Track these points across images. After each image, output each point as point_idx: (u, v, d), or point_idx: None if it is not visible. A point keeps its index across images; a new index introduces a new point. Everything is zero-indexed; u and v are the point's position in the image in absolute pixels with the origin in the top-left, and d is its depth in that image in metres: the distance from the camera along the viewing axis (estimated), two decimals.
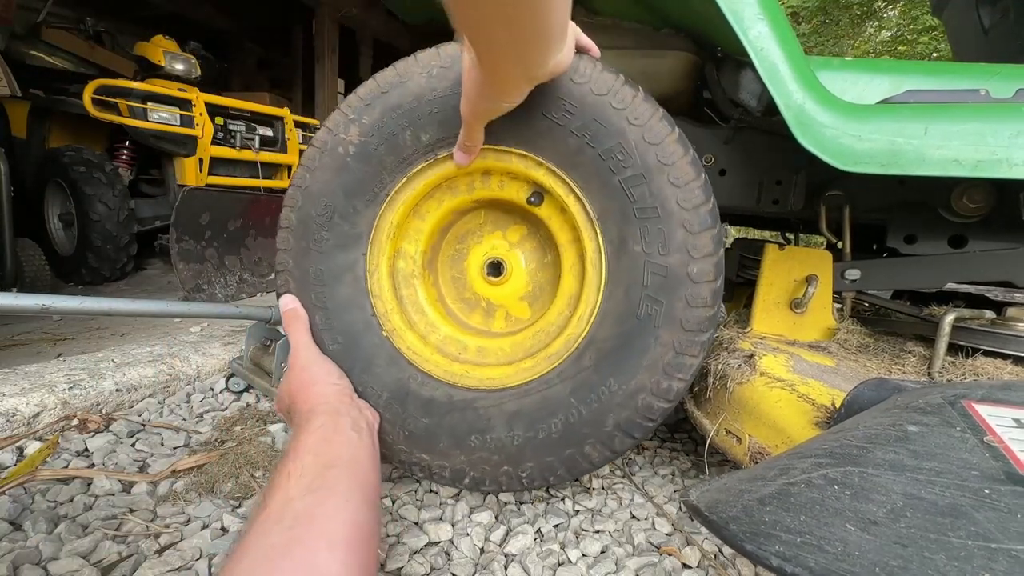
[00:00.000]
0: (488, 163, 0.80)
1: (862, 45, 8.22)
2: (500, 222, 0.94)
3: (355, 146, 0.81)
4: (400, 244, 0.88)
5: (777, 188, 1.08)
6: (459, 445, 0.78)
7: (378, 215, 0.83)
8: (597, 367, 0.75)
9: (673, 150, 0.72)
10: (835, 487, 0.40)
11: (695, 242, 0.72)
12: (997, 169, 0.74)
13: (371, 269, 0.84)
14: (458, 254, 0.96)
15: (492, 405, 0.78)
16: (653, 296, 0.73)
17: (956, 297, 1.35)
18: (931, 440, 0.43)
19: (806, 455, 0.47)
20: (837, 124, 0.78)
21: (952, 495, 0.37)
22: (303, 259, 0.84)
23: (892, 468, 0.41)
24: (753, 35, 0.79)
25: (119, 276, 2.78)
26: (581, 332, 0.77)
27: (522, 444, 0.77)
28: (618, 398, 0.74)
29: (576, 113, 0.74)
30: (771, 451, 0.77)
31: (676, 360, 0.73)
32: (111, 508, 0.78)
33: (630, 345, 0.74)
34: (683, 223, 0.72)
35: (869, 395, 0.64)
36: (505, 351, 0.87)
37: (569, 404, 0.75)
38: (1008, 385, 0.54)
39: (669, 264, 0.73)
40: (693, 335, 0.72)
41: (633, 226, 0.74)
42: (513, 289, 0.93)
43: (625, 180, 0.74)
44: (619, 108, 0.73)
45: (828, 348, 0.97)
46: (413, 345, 0.84)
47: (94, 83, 2.66)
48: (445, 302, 0.95)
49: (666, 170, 0.72)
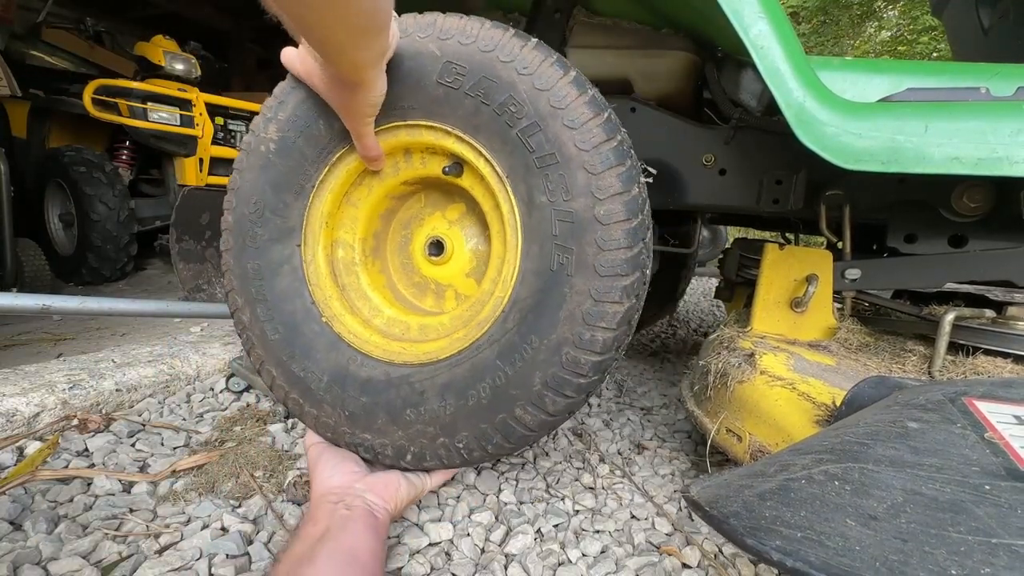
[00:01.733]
0: (403, 140, 0.81)
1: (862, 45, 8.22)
2: (439, 203, 0.95)
3: (275, 142, 0.83)
4: (337, 234, 0.90)
5: (777, 188, 1.08)
6: (396, 421, 0.78)
7: (307, 207, 0.85)
8: (519, 327, 0.74)
9: (566, 92, 0.71)
10: (835, 483, 0.41)
11: (599, 183, 0.70)
12: (998, 167, 0.74)
13: (307, 259, 0.86)
14: (404, 240, 0.98)
15: (426, 378, 0.78)
16: (563, 245, 0.71)
17: (956, 297, 1.35)
18: (931, 436, 0.43)
19: (806, 451, 0.48)
20: (838, 122, 0.78)
21: (952, 491, 0.37)
22: (241, 256, 0.86)
23: (892, 464, 0.41)
24: (754, 33, 0.79)
25: (119, 276, 2.78)
26: (505, 294, 0.76)
27: (454, 412, 0.76)
28: (541, 355, 0.72)
29: (467, 73, 0.74)
30: (771, 449, 0.77)
31: (595, 308, 0.70)
32: (111, 508, 0.78)
33: (547, 300, 0.72)
34: (584, 165, 0.70)
35: (870, 393, 0.64)
36: (445, 326, 0.88)
37: (496, 367, 0.74)
38: (1009, 382, 0.54)
39: (574, 209, 0.71)
40: (611, 280, 0.70)
41: (536, 177, 0.73)
42: (458, 267, 0.94)
43: (522, 131, 0.73)
44: (507, 61, 0.72)
45: (828, 347, 0.98)
46: (353, 328, 0.85)
47: (94, 83, 2.66)
48: (396, 288, 0.97)
49: (560, 114, 0.71)
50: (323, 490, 0.74)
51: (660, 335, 2.32)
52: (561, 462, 1.05)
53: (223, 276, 0.90)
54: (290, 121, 0.82)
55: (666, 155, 1.11)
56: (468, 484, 0.94)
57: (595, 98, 0.72)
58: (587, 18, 1.11)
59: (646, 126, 1.11)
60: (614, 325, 0.71)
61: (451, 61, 0.74)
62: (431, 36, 0.75)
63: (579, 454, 1.09)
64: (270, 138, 0.83)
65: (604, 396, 1.47)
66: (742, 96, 1.08)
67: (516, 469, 1.01)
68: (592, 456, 1.09)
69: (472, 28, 0.74)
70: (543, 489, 0.95)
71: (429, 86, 0.75)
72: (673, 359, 1.94)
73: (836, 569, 0.32)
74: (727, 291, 1.50)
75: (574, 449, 1.11)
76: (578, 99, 0.71)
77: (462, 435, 0.76)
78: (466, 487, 0.93)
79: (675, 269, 1.90)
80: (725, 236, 4.53)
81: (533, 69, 0.72)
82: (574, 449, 1.11)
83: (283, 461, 0.94)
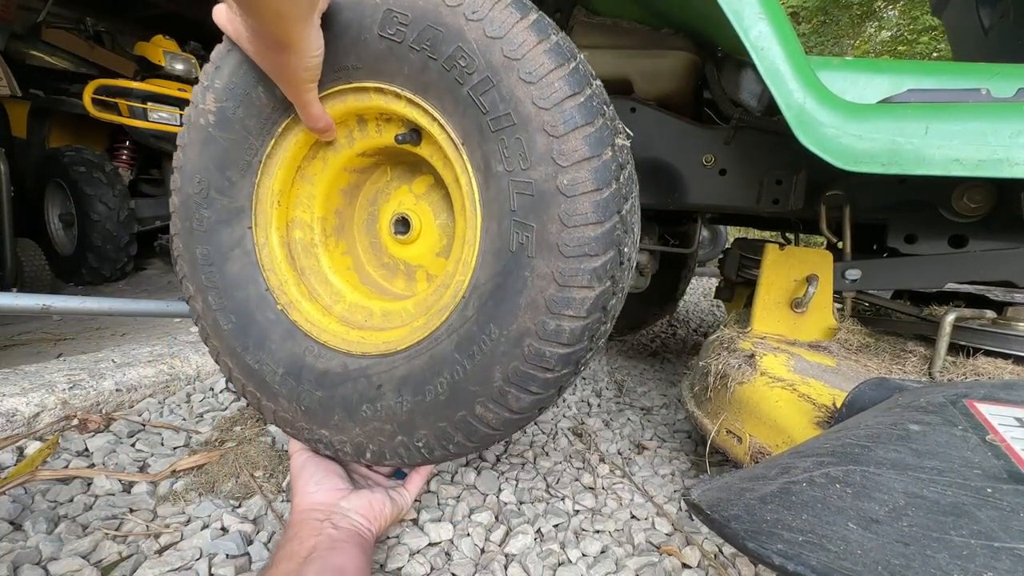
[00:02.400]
0: (352, 106, 0.72)
1: (862, 45, 8.22)
2: (405, 176, 0.87)
3: (213, 114, 0.75)
4: (293, 213, 0.83)
5: (777, 188, 1.08)
6: (352, 417, 0.72)
7: (256, 184, 0.77)
8: (477, 315, 0.65)
9: (523, 40, 0.60)
10: (837, 486, 0.40)
11: (561, 147, 0.60)
12: (998, 168, 0.74)
13: (260, 242, 0.79)
14: (371, 218, 0.90)
15: (384, 371, 0.71)
16: (522, 221, 0.62)
17: (956, 297, 1.35)
18: (933, 439, 0.43)
19: (807, 454, 0.47)
20: (838, 123, 0.78)
21: (954, 494, 0.37)
22: (189, 240, 0.80)
23: (894, 467, 0.41)
24: (754, 35, 0.78)
25: (119, 276, 2.78)
26: (465, 278, 0.68)
27: (411, 409, 0.69)
28: (501, 347, 0.63)
29: (410, 23, 0.64)
30: (772, 451, 0.77)
31: (560, 294, 0.61)
32: (111, 508, 0.78)
33: (506, 284, 0.63)
34: (543, 126, 0.60)
35: (870, 394, 0.64)
36: (409, 311, 0.81)
37: (454, 360, 0.66)
38: (1010, 384, 0.53)
39: (533, 179, 0.61)
40: (577, 261, 0.60)
41: (491, 142, 0.63)
42: (428, 246, 0.86)
43: (473, 88, 0.63)
44: (453, 5, 0.62)
45: (829, 348, 0.97)
46: (311, 316, 0.80)
47: (94, 83, 2.66)
48: (364, 269, 0.90)
49: (515, 65, 0.60)
50: (307, 505, 0.71)
51: (660, 335, 2.32)
52: (561, 462, 1.05)
53: (173, 263, 0.84)
54: (227, 89, 0.74)
55: (666, 155, 1.11)
56: (468, 484, 0.94)
57: (559, 44, 0.61)
58: (587, 18, 1.11)
59: (646, 126, 1.11)
60: (583, 313, 0.62)
61: (391, 8, 0.64)
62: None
63: (579, 454, 1.09)
64: (208, 109, 0.75)
65: (604, 396, 1.47)
66: (742, 96, 1.08)
67: (516, 469, 1.01)
68: (592, 456, 1.09)
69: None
70: (543, 489, 0.95)
71: (371, 40, 0.65)
72: (673, 359, 1.94)
73: (838, 573, 0.32)
74: (727, 291, 1.50)
75: (574, 449, 1.11)
76: (537, 47, 0.60)
77: (421, 433, 0.70)
78: (466, 487, 0.93)
79: (675, 269, 1.90)
80: (725, 236, 4.53)
81: (484, 14, 0.61)
82: (574, 449, 1.11)
83: (283, 461, 0.94)
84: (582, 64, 0.63)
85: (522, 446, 1.10)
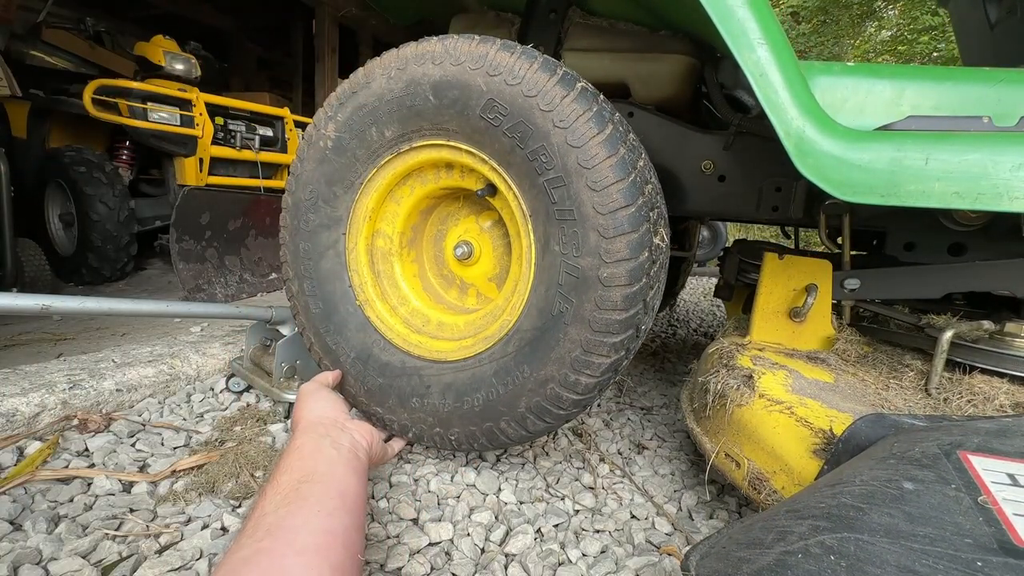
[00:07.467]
0: (445, 156, 0.88)
1: (862, 45, 8.20)
2: (475, 207, 1.02)
3: (332, 140, 0.91)
4: (378, 225, 0.99)
5: (777, 195, 1.07)
6: (403, 405, 0.90)
7: (355, 200, 0.93)
8: (516, 354, 0.81)
9: (596, 152, 0.73)
10: (831, 557, 0.41)
11: (608, 247, 0.73)
12: (998, 202, 0.72)
13: (350, 247, 0.96)
14: (440, 234, 1.06)
15: (433, 375, 0.88)
16: (565, 295, 0.77)
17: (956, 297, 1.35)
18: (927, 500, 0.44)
19: (804, 515, 0.48)
20: (837, 152, 0.76)
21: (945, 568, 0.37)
22: (296, 236, 0.97)
23: (888, 534, 0.42)
24: (753, 60, 0.77)
25: (119, 276, 2.77)
26: (512, 319, 0.83)
27: (450, 411, 0.86)
28: (530, 384, 0.80)
29: (507, 115, 0.77)
30: (769, 477, 0.77)
31: (583, 357, 0.76)
32: (111, 508, 0.78)
33: (543, 338, 0.79)
34: (597, 227, 0.73)
35: (867, 431, 0.66)
36: (459, 327, 0.96)
37: (491, 383, 0.83)
38: (1003, 430, 0.54)
39: (581, 266, 0.75)
40: (601, 336, 0.75)
41: (554, 226, 0.77)
42: (483, 270, 1.02)
43: (548, 182, 0.76)
44: (546, 110, 0.75)
45: (827, 360, 0.97)
46: (381, 314, 0.96)
47: (94, 83, 2.65)
48: (427, 276, 1.06)
49: (585, 174, 0.73)
50: (312, 418, 0.78)
51: (660, 335, 2.32)
52: (561, 462, 1.05)
53: (280, 251, 1.01)
54: (347, 124, 0.90)
55: (664, 161, 1.11)
56: (468, 484, 0.94)
57: (623, 159, 0.74)
58: (583, 19, 1.11)
59: (644, 131, 1.10)
60: (599, 373, 0.77)
61: (494, 99, 0.77)
62: (480, 70, 0.78)
63: (579, 454, 1.09)
64: (328, 135, 0.91)
65: (604, 396, 1.47)
66: (741, 95, 1.08)
67: (516, 469, 1.01)
68: (592, 456, 1.09)
69: (520, 69, 0.76)
70: (543, 489, 0.95)
71: (472, 117, 0.80)
72: (673, 359, 1.94)
73: None
74: (726, 290, 1.50)
75: (574, 449, 1.12)
76: (605, 161, 0.73)
77: (454, 430, 0.87)
78: (466, 487, 0.93)
79: (674, 266, 1.93)
80: (725, 235, 4.53)
81: (569, 123, 0.74)
82: (574, 449, 1.12)
83: None
84: (639, 176, 0.75)
85: (522, 446, 1.10)
